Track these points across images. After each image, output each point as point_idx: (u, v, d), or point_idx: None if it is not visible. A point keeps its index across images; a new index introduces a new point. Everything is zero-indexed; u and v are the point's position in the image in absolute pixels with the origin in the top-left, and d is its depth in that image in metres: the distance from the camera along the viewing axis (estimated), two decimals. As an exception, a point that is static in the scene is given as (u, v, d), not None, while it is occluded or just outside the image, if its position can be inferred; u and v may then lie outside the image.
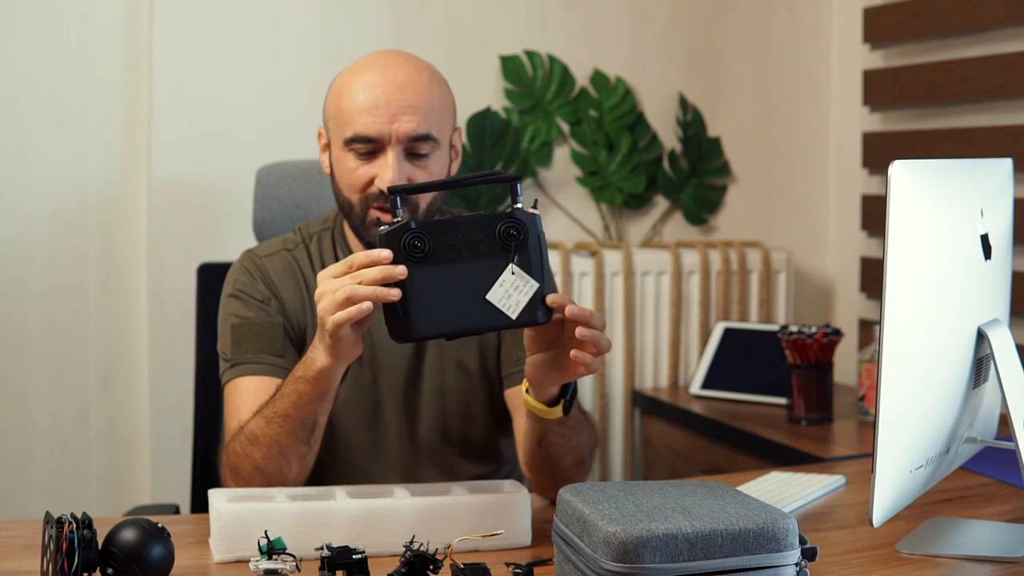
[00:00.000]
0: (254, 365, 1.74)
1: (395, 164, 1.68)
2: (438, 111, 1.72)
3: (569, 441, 1.66)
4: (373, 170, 1.71)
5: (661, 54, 3.20)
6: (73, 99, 2.77)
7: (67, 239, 2.79)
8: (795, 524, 1.23)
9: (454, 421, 1.83)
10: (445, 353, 1.82)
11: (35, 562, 1.45)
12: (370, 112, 1.68)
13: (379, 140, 1.69)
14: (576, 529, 1.26)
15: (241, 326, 1.76)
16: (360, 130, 1.69)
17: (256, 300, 1.78)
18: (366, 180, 1.71)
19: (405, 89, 1.69)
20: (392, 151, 1.69)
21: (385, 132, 1.68)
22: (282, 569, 1.30)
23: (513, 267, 1.45)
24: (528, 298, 1.45)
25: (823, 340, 2.52)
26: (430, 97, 1.71)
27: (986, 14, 2.76)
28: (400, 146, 1.69)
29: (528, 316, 1.44)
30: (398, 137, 1.69)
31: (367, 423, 1.80)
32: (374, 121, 1.68)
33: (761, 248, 3.18)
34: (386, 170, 1.68)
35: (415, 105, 1.69)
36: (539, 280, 1.45)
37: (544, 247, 1.47)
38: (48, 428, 2.80)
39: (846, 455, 2.28)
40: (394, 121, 1.68)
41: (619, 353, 3.06)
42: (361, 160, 1.71)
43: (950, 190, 1.44)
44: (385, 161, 1.69)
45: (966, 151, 2.81)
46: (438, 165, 1.73)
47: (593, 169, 3.12)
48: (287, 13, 2.89)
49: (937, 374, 1.43)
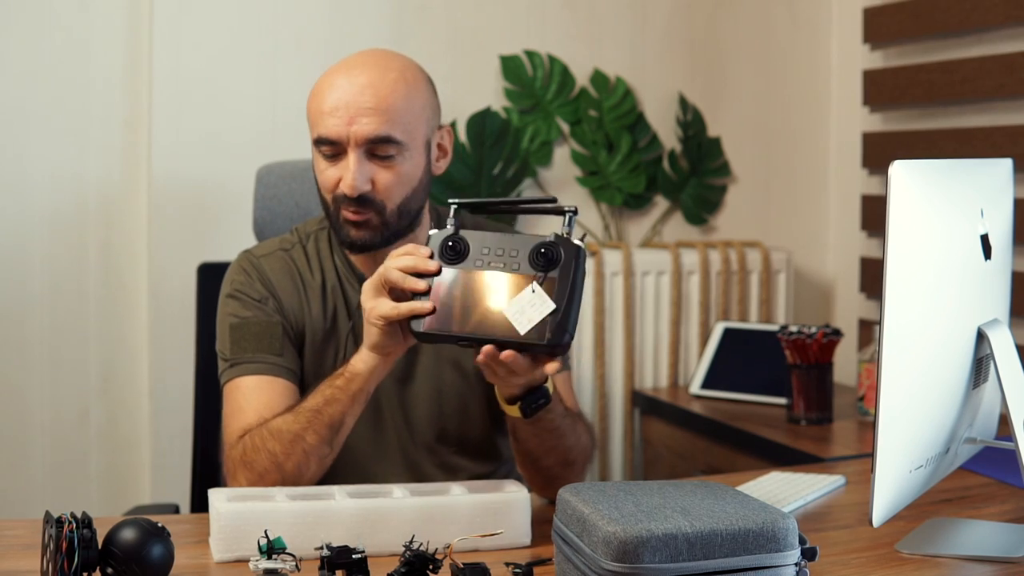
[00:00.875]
0: (253, 364, 1.74)
1: (355, 167, 1.69)
2: (403, 112, 1.71)
3: (545, 442, 1.67)
4: (338, 172, 1.71)
5: (661, 54, 3.20)
6: (73, 99, 2.78)
7: (67, 239, 2.79)
8: (795, 524, 1.23)
9: (451, 420, 1.84)
10: (441, 353, 1.82)
11: (35, 561, 1.45)
12: (331, 114, 1.69)
13: (339, 142, 1.70)
14: (576, 529, 1.26)
15: (240, 326, 1.76)
16: (322, 132, 1.71)
17: (254, 300, 1.78)
18: (334, 181, 1.73)
19: (365, 91, 1.69)
20: (352, 153, 1.69)
21: (344, 134, 1.69)
22: (282, 569, 1.30)
23: (535, 285, 1.46)
24: (540, 317, 1.45)
25: (823, 340, 2.52)
26: (392, 98, 1.70)
27: (986, 14, 2.76)
28: (360, 148, 1.69)
29: (536, 335, 1.45)
30: (356, 140, 1.69)
31: (367, 422, 1.80)
32: (334, 123, 1.69)
33: (761, 248, 3.18)
34: (347, 173, 1.69)
35: (374, 107, 1.69)
36: (560, 305, 1.45)
37: (577, 278, 1.47)
38: (48, 427, 2.80)
39: (846, 455, 2.28)
40: (352, 123, 1.68)
41: (619, 353, 3.06)
42: (328, 161, 1.73)
43: (950, 190, 1.44)
44: (347, 163, 1.70)
45: (966, 151, 2.81)
46: (408, 166, 1.73)
47: (593, 169, 3.12)
48: (287, 13, 2.89)
49: (937, 374, 1.43)
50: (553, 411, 1.64)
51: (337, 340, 1.80)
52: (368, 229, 1.72)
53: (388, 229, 1.73)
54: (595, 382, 3.03)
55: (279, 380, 1.73)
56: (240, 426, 1.70)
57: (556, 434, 1.67)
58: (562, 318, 1.45)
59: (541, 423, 1.64)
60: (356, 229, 1.73)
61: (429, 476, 1.82)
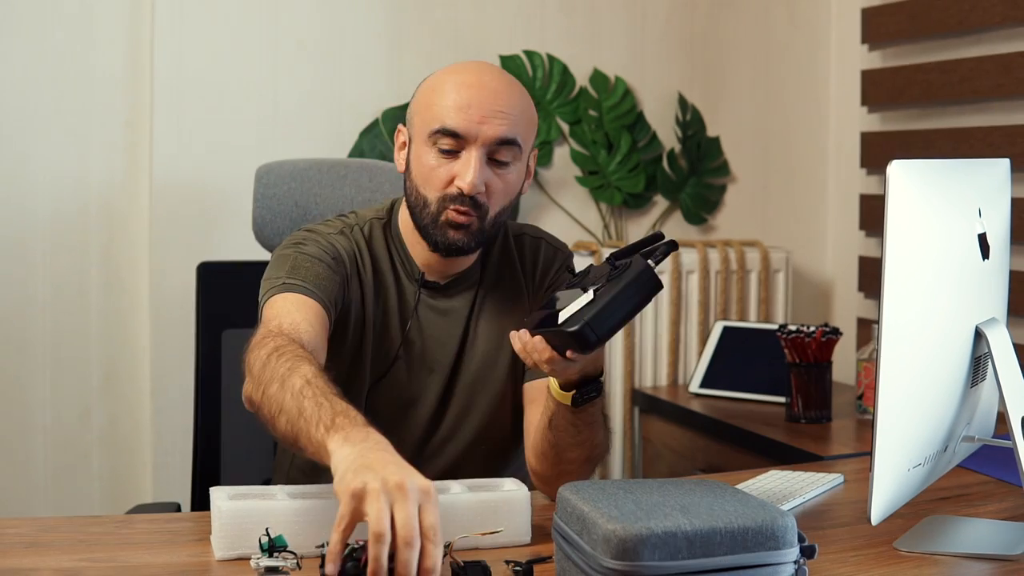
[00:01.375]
0: (306, 288, 1.69)
1: (476, 165, 1.69)
2: (525, 122, 1.74)
3: (580, 433, 1.68)
4: (454, 169, 1.71)
5: (660, 54, 3.21)
6: (75, 100, 2.78)
7: (69, 239, 2.80)
8: (794, 522, 1.24)
9: (481, 421, 1.85)
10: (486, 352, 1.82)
11: (37, 560, 1.45)
12: (461, 110, 1.69)
13: (465, 137, 1.69)
14: (576, 527, 1.27)
15: (307, 260, 1.73)
16: (449, 123, 1.69)
17: (326, 254, 1.75)
18: (447, 179, 1.71)
19: (498, 95, 1.71)
20: (475, 152, 1.69)
21: (473, 131, 1.69)
22: (283, 566, 1.31)
23: (591, 292, 1.49)
24: (577, 308, 1.49)
25: (822, 339, 2.52)
26: (521, 107, 1.73)
27: (984, 15, 2.77)
28: (484, 148, 1.70)
29: (571, 322, 1.48)
30: (484, 139, 1.69)
31: (401, 413, 1.80)
32: (464, 118, 1.69)
33: (760, 247, 3.19)
34: (467, 170, 1.69)
35: (505, 111, 1.70)
36: (597, 301, 1.47)
37: (628, 288, 1.47)
38: (50, 426, 2.80)
39: (844, 453, 2.29)
40: (483, 123, 1.69)
41: (619, 352, 3.07)
42: (443, 158, 1.71)
43: (948, 190, 1.45)
44: (467, 161, 1.69)
45: (964, 151, 2.82)
46: (515, 176, 1.74)
47: (593, 169, 3.13)
48: (287, 13, 2.89)
49: (935, 373, 1.43)
50: (597, 404, 1.66)
51: (390, 333, 1.79)
52: (468, 232, 1.72)
53: (483, 236, 1.74)
54: (595, 381, 3.04)
55: (321, 309, 1.69)
56: (266, 330, 1.61)
57: (590, 428, 1.68)
58: (594, 315, 1.47)
59: (583, 414, 1.65)
60: (457, 231, 1.72)
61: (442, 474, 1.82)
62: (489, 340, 1.82)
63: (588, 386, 1.62)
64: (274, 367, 1.49)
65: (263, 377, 1.50)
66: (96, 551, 1.49)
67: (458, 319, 1.81)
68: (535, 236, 1.90)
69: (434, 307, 1.81)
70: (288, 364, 1.48)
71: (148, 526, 1.63)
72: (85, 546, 1.51)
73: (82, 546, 1.51)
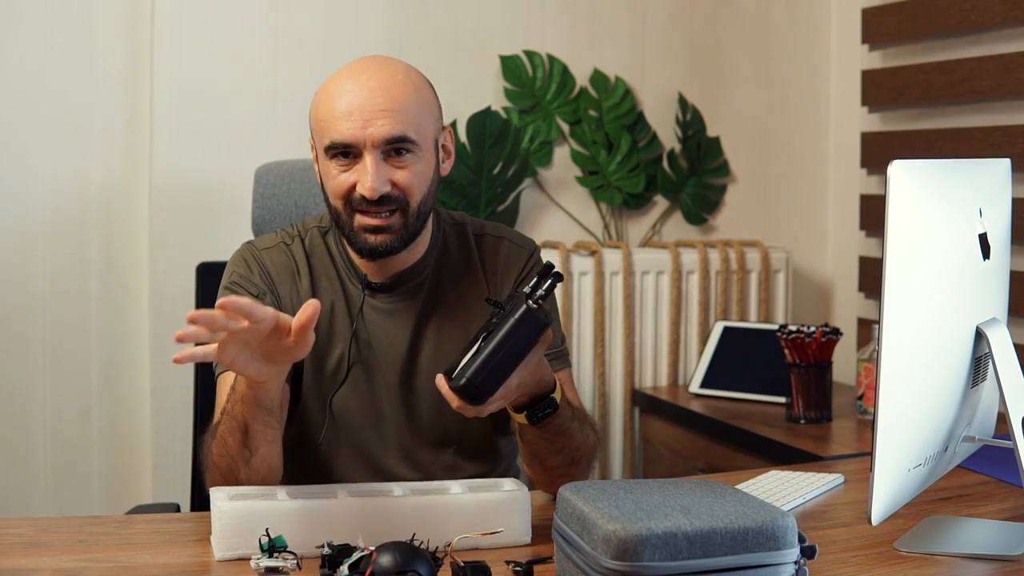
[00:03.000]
0: None
1: (373, 169, 1.68)
2: (415, 112, 1.72)
3: (553, 443, 1.68)
4: (353, 176, 1.71)
5: (660, 54, 3.21)
6: (75, 100, 2.78)
7: (69, 239, 2.80)
8: (794, 522, 1.24)
9: (452, 421, 1.84)
10: (441, 353, 1.82)
11: (37, 560, 1.45)
12: (344, 119, 1.69)
13: (355, 146, 1.69)
14: (576, 527, 1.27)
15: None
16: (336, 137, 1.70)
17: (251, 295, 1.78)
18: (348, 186, 1.72)
19: (377, 93, 1.70)
20: (369, 155, 1.69)
21: (360, 137, 1.69)
22: (283, 567, 1.31)
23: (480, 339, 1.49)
24: (466, 359, 1.48)
25: (822, 339, 2.52)
26: (404, 99, 1.71)
27: (984, 14, 2.77)
28: (377, 150, 1.69)
29: (457, 378, 1.48)
30: (373, 142, 1.69)
31: (370, 419, 1.81)
32: (349, 127, 1.69)
33: (760, 248, 3.19)
34: (365, 176, 1.69)
35: (388, 108, 1.69)
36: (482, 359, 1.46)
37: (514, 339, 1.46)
38: (49, 427, 2.80)
39: (845, 454, 2.29)
40: (368, 126, 1.68)
41: (619, 352, 3.06)
42: (342, 167, 1.72)
43: (949, 190, 1.45)
44: (364, 166, 1.69)
45: (964, 151, 2.82)
46: (421, 166, 1.73)
47: (593, 169, 3.13)
48: (287, 13, 2.89)
49: (936, 373, 1.43)
50: (561, 415, 1.65)
51: (339, 340, 1.80)
52: (390, 233, 1.72)
53: (407, 231, 1.73)
54: (595, 381, 3.04)
55: None
56: (216, 423, 1.70)
57: (564, 436, 1.68)
58: (475, 370, 1.46)
59: (548, 428, 1.65)
60: (375, 235, 1.72)
61: (432, 474, 1.82)
62: (451, 340, 1.80)
63: (540, 404, 1.61)
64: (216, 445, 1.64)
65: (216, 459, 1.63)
66: (96, 551, 1.49)
67: (406, 319, 1.80)
68: (496, 235, 1.89)
69: (379, 308, 1.81)
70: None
71: (148, 526, 1.64)
72: (85, 546, 1.51)
73: (82, 546, 1.51)
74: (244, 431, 1.60)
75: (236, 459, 1.61)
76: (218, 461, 1.63)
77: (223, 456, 1.62)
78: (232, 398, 1.61)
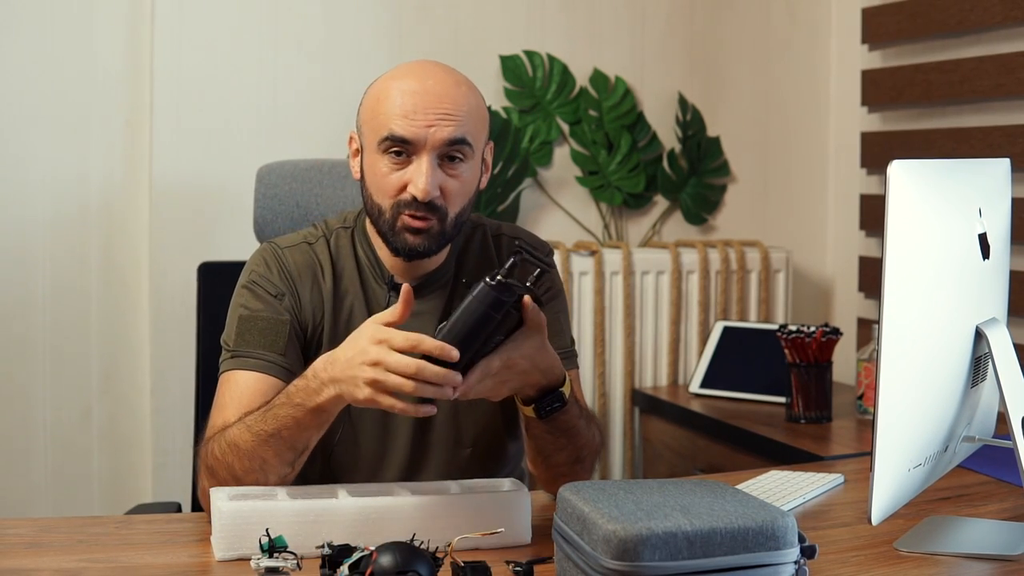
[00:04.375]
0: (253, 360, 1.74)
1: (428, 171, 1.69)
2: (474, 120, 1.74)
3: (558, 440, 1.68)
4: (406, 176, 1.71)
5: (660, 54, 3.21)
6: (75, 100, 2.78)
7: (69, 239, 2.80)
8: (794, 522, 1.24)
9: (467, 424, 1.84)
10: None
11: (37, 560, 1.45)
12: (407, 116, 1.69)
13: (414, 143, 1.69)
14: (576, 527, 1.27)
15: (248, 319, 1.76)
16: (397, 131, 1.69)
17: (269, 294, 1.78)
18: (399, 185, 1.71)
19: (443, 99, 1.71)
20: (426, 156, 1.69)
21: (421, 136, 1.69)
22: (283, 567, 1.31)
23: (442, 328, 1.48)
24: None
25: (822, 339, 2.52)
26: (468, 106, 1.73)
27: (984, 14, 2.77)
28: (434, 153, 1.70)
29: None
30: (433, 143, 1.69)
31: (387, 419, 1.80)
32: (411, 124, 1.69)
33: (760, 247, 3.19)
34: (419, 176, 1.69)
35: (452, 113, 1.70)
36: (444, 332, 1.46)
37: (473, 312, 1.46)
38: (50, 426, 2.80)
39: (845, 454, 2.29)
40: (431, 127, 1.69)
41: (619, 352, 3.07)
42: (394, 165, 1.71)
43: (948, 190, 1.45)
44: (419, 167, 1.69)
45: (964, 151, 2.82)
46: (470, 175, 1.74)
47: (593, 169, 3.13)
48: (287, 13, 2.89)
49: (935, 373, 1.43)
50: (569, 412, 1.65)
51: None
52: (428, 236, 1.72)
53: (444, 237, 1.74)
54: (595, 381, 3.04)
55: (276, 380, 1.73)
56: (219, 422, 1.69)
57: (570, 433, 1.68)
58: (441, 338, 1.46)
59: (556, 423, 1.65)
60: (416, 236, 1.72)
61: (447, 475, 1.81)
62: None
63: (548, 397, 1.62)
64: (223, 453, 1.62)
65: (226, 457, 1.61)
66: (96, 551, 1.49)
67: (430, 320, 1.81)
68: (513, 236, 1.90)
69: None
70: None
71: (148, 526, 1.64)
72: (85, 546, 1.51)
73: (82, 546, 1.51)
74: (301, 451, 1.60)
75: (270, 474, 1.60)
76: (242, 476, 1.60)
77: (251, 472, 1.60)
78: (284, 424, 1.57)
